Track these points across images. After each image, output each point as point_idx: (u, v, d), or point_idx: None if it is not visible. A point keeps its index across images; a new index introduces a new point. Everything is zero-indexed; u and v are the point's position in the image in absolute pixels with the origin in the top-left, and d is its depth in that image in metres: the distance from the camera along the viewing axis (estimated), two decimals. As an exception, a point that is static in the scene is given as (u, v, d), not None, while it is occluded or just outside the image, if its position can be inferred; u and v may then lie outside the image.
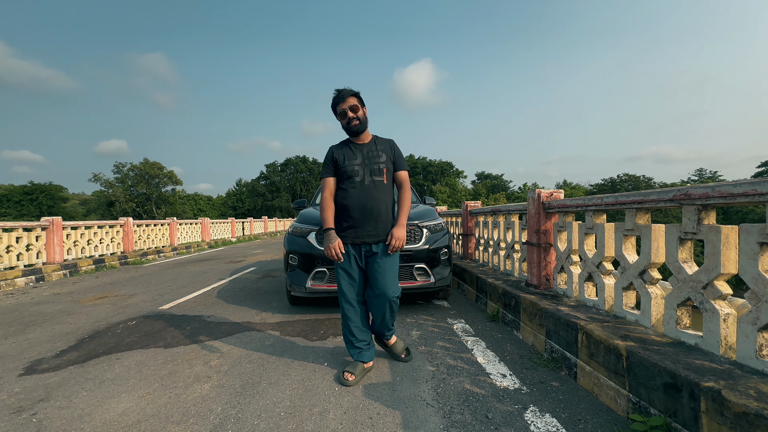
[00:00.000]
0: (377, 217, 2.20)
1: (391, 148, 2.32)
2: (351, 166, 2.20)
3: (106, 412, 1.93)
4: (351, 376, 2.18)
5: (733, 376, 1.46)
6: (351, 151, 2.24)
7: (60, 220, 7.38)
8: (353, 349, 2.29)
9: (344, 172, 2.21)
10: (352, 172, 2.20)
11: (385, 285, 2.20)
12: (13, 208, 45.21)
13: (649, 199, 2.01)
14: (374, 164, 2.22)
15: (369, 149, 2.25)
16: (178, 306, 4.26)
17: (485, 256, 4.83)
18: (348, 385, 2.14)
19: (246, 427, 1.77)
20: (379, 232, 2.21)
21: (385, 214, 2.23)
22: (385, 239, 2.21)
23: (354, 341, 2.28)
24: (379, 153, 2.25)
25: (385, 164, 2.24)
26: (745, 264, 1.56)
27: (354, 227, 2.20)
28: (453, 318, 3.49)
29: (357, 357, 2.28)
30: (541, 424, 1.74)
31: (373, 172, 2.21)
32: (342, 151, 2.26)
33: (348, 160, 2.21)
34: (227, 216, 50.90)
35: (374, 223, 2.19)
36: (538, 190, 3.13)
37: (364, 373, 2.25)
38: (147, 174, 43.99)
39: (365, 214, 2.18)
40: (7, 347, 2.98)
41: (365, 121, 2.24)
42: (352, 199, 2.19)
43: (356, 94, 2.19)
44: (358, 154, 2.23)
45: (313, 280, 3.43)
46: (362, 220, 2.19)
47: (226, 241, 15.99)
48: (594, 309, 2.47)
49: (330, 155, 2.27)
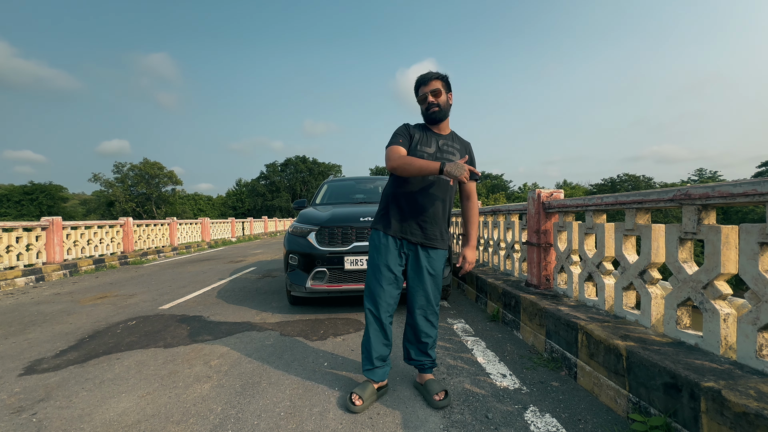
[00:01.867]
0: (430, 217, 1.95)
1: (468, 151, 2.07)
2: (422, 152, 1.94)
3: (106, 412, 1.93)
4: (359, 400, 1.88)
5: (733, 376, 1.46)
6: (426, 137, 1.98)
7: (60, 220, 7.38)
8: (368, 365, 1.99)
9: (413, 155, 1.93)
10: (422, 159, 1.90)
11: (428, 293, 1.98)
12: (13, 208, 45.19)
13: (649, 199, 2.01)
14: (447, 160, 1.95)
15: (445, 142, 2.00)
16: (178, 306, 4.26)
17: (485, 256, 4.83)
18: (355, 412, 1.85)
19: (246, 427, 1.77)
20: (427, 234, 1.96)
21: (439, 217, 1.98)
22: (430, 244, 1.97)
23: (373, 355, 1.97)
24: (454, 150, 2.00)
25: None
26: (745, 264, 1.56)
27: (402, 221, 1.96)
28: (453, 318, 3.49)
29: (369, 375, 1.99)
30: (541, 424, 1.74)
31: None
32: (418, 132, 1.99)
33: (421, 145, 1.95)
34: (227, 216, 50.91)
35: (423, 223, 1.95)
36: (538, 190, 3.13)
37: (374, 396, 1.96)
38: (147, 174, 43.98)
39: (418, 210, 1.95)
40: (7, 347, 2.98)
41: (447, 108, 1.98)
42: (410, 189, 1.94)
43: (443, 78, 1.95)
44: (433, 143, 1.97)
45: (313, 280, 3.43)
46: (412, 215, 1.95)
47: (226, 241, 15.98)
48: (594, 309, 2.47)
49: (406, 128, 1.99)
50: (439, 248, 2.01)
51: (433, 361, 2.07)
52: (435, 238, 1.99)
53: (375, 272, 1.98)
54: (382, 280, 1.96)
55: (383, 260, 1.96)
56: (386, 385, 2.06)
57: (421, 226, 1.96)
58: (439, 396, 1.94)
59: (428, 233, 1.97)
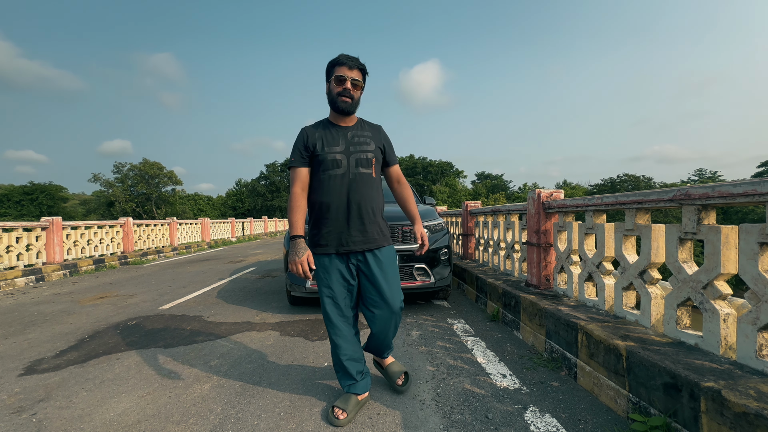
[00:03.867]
0: (366, 218, 1.80)
1: (380, 134, 1.93)
2: (331, 153, 1.77)
3: (106, 412, 1.93)
4: (342, 413, 1.77)
5: (733, 376, 1.46)
6: (331, 135, 1.81)
7: (60, 220, 7.38)
8: (346, 380, 1.89)
9: (323, 161, 1.78)
10: (333, 162, 1.77)
11: (387, 297, 1.83)
12: (13, 208, 45.23)
13: (649, 199, 2.01)
14: (360, 153, 1.81)
15: (354, 134, 1.84)
16: (178, 306, 4.26)
17: (485, 256, 4.83)
18: (339, 425, 1.74)
19: (246, 427, 1.77)
20: (369, 238, 1.81)
21: (374, 215, 1.84)
22: (375, 245, 1.83)
23: (347, 372, 1.87)
24: (367, 139, 1.84)
25: (374, 153, 1.84)
26: (745, 264, 1.56)
27: (337, 232, 1.79)
28: (453, 318, 3.49)
29: (350, 389, 1.87)
30: (541, 424, 1.74)
31: (360, 162, 1.80)
32: (320, 133, 1.82)
33: (327, 146, 1.78)
34: (227, 216, 50.91)
35: (362, 227, 1.80)
36: (538, 190, 3.13)
37: (357, 407, 1.85)
38: (147, 174, 43.98)
39: (351, 215, 1.78)
40: (7, 347, 2.98)
41: (357, 103, 1.83)
42: (333, 195, 1.77)
43: (364, 70, 1.82)
44: (341, 139, 1.81)
45: (313, 280, 3.42)
46: (347, 223, 1.79)
47: (226, 241, 15.99)
48: (594, 309, 2.47)
49: (302, 138, 1.81)
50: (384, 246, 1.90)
51: (390, 348, 2.10)
52: (377, 239, 1.87)
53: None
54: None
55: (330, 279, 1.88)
56: (367, 398, 1.96)
57: (362, 230, 1.83)
58: (400, 379, 2.08)
59: (368, 235, 1.84)
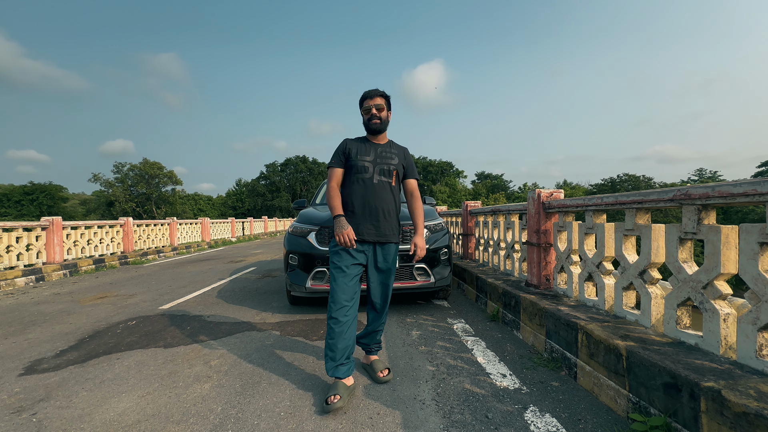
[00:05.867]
0: (381, 216, 2.17)
1: (405, 154, 2.34)
2: (362, 161, 2.18)
3: (106, 412, 1.93)
4: (335, 397, 1.91)
5: (733, 376, 1.46)
6: (365, 148, 2.23)
7: (60, 220, 7.38)
8: (333, 364, 2.03)
9: (354, 165, 2.19)
10: (362, 168, 2.18)
11: (383, 287, 2.22)
12: (13, 208, 45.19)
13: (649, 199, 2.01)
14: (385, 164, 2.21)
15: (383, 150, 2.25)
16: (178, 306, 4.26)
17: (485, 256, 4.83)
18: (336, 408, 1.85)
19: (246, 427, 1.77)
20: (381, 232, 2.17)
21: (389, 216, 2.20)
22: (386, 241, 2.19)
23: (337, 355, 2.02)
24: (392, 156, 2.25)
25: (396, 167, 2.25)
26: (745, 264, 1.56)
27: (356, 223, 2.15)
28: (453, 318, 3.49)
29: (335, 373, 2.02)
30: (541, 424, 1.74)
31: (383, 172, 2.20)
32: (356, 144, 2.24)
33: (360, 155, 2.19)
34: (227, 216, 50.91)
35: (376, 222, 2.16)
36: (538, 190, 3.13)
37: (348, 391, 1.99)
38: (147, 174, 43.96)
39: (368, 212, 2.16)
40: (7, 347, 2.98)
41: (386, 122, 2.26)
42: (357, 195, 2.17)
43: (385, 96, 2.24)
44: (372, 151, 2.22)
45: (313, 280, 3.43)
46: (364, 218, 2.15)
47: (226, 241, 15.98)
48: (594, 309, 2.47)
49: (343, 146, 2.25)
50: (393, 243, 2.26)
51: (379, 344, 2.40)
52: (387, 234, 2.21)
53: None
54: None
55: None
56: (354, 383, 2.14)
57: (375, 225, 2.18)
58: (382, 373, 2.24)
59: (380, 230, 2.19)
